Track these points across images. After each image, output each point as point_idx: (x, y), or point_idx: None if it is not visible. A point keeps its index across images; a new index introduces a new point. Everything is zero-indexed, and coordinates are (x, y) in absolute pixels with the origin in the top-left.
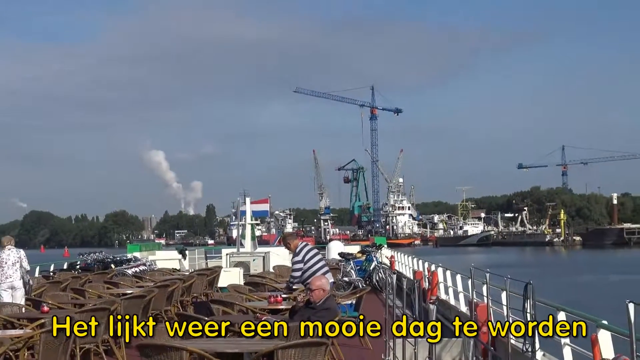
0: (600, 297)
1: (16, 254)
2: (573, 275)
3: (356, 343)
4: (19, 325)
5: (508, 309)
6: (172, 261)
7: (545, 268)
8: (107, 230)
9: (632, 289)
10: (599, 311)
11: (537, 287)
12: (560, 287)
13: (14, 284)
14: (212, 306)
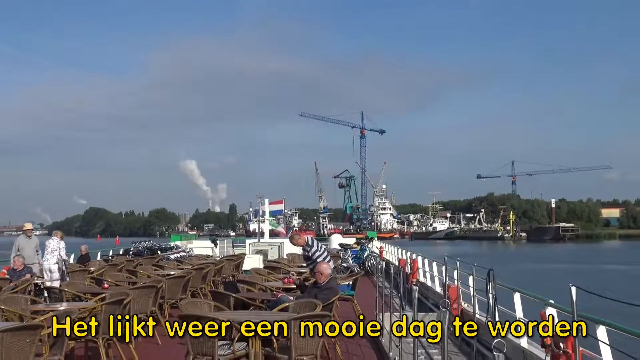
0: (543, 281)
1: (57, 243)
2: (521, 264)
3: (352, 315)
4: (85, 298)
5: (474, 290)
6: (205, 249)
7: (498, 258)
8: (151, 224)
9: (568, 274)
10: (543, 292)
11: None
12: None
13: (50, 268)
14: (238, 285)
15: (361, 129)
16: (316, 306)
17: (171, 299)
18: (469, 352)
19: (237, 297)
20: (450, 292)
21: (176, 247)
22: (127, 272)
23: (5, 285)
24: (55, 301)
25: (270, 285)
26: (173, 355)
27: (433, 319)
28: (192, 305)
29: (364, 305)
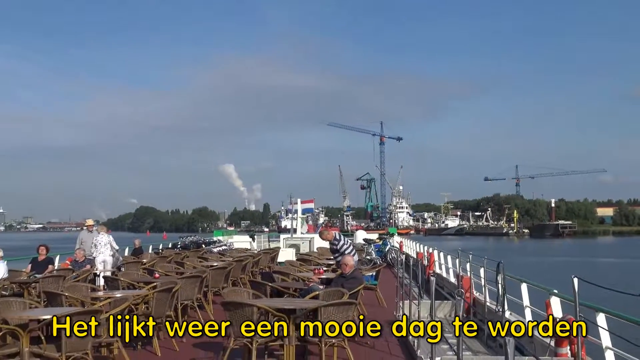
0: (544, 272)
1: (107, 238)
2: (524, 257)
3: (375, 303)
4: (138, 286)
5: (485, 280)
6: (244, 243)
7: (504, 252)
8: (194, 220)
9: (567, 267)
10: (544, 283)
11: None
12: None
13: (105, 259)
14: (274, 275)
15: (381, 137)
16: (343, 294)
17: (214, 287)
18: (480, 335)
19: (273, 286)
20: (463, 282)
21: (218, 241)
22: (176, 264)
23: (69, 275)
24: (112, 289)
25: (302, 276)
26: (216, 338)
27: (448, 306)
28: (233, 293)
29: (386, 294)
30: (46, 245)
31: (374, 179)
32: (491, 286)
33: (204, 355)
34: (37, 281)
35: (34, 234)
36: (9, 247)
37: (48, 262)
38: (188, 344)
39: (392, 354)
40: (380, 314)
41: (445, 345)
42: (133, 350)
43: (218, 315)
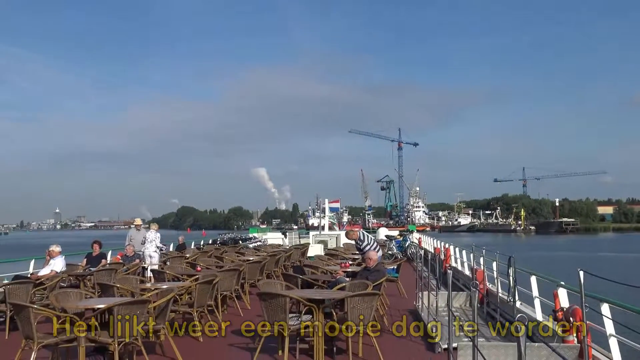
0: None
1: (154, 234)
2: (531, 251)
3: (396, 294)
4: (182, 278)
5: (497, 273)
6: (277, 239)
7: (513, 247)
8: (230, 219)
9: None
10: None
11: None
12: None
13: (150, 254)
14: (304, 268)
15: (398, 142)
16: (367, 286)
17: (251, 279)
18: (493, 324)
19: (304, 278)
20: (477, 275)
21: (254, 237)
22: (215, 258)
23: (120, 268)
24: (158, 281)
25: (330, 269)
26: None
27: (463, 297)
28: (267, 285)
29: (406, 286)
30: (99, 242)
31: (393, 180)
32: (503, 278)
33: (242, 341)
34: (91, 274)
35: (86, 231)
36: (64, 243)
37: (101, 256)
38: (227, 331)
39: (413, 340)
40: (401, 303)
41: (461, 332)
42: (178, 336)
43: (254, 304)
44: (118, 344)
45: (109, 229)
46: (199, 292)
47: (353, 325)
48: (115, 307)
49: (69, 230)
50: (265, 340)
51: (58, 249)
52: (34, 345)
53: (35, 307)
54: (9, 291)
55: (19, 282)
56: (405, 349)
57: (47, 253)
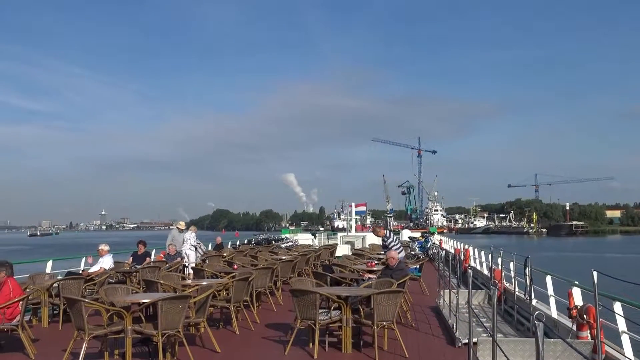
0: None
1: (189, 234)
2: (543, 252)
3: (419, 291)
4: (220, 276)
5: (514, 273)
6: (307, 240)
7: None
8: (261, 221)
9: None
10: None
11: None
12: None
13: (188, 253)
14: (333, 267)
15: (418, 150)
16: (392, 284)
17: (283, 277)
18: (510, 320)
19: (332, 276)
20: (495, 274)
21: (286, 238)
22: (250, 257)
23: (163, 266)
24: (198, 278)
25: (357, 268)
26: (284, 319)
27: (482, 295)
28: (299, 282)
29: (428, 284)
30: (144, 242)
31: (413, 186)
32: (519, 278)
33: (275, 334)
34: (137, 271)
35: (129, 232)
36: (110, 243)
37: (146, 255)
38: (261, 324)
39: (434, 335)
40: (424, 300)
41: (480, 328)
42: (216, 329)
43: (286, 300)
44: (162, 336)
45: (150, 230)
46: (235, 289)
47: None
48: (159, 301)
49: (114, 230)
50: (297, 333)
51: (107, 248)
52: (85, 335)
53: (86, 301)
54: (62, 286)
55: (72, 278)
56: (427, 343)
57: (99, 252)
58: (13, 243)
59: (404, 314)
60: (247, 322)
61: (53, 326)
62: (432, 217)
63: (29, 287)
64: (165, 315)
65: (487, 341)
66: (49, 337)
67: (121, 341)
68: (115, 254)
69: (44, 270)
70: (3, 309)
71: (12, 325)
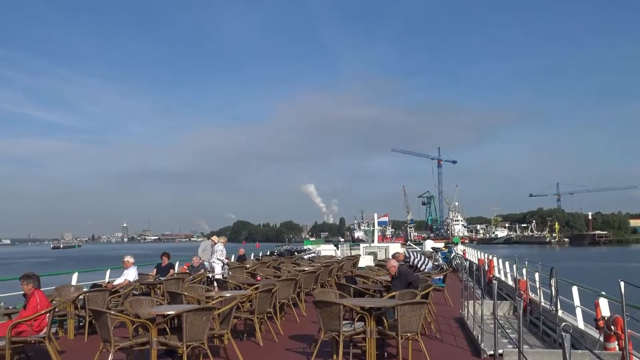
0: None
1: (215, 247)
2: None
3: (443, 302)
4: (243, 287)
5: (539, 283)
6: (329, 251)
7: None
8: (281, 232)
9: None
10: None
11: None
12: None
13: (212, 265)
14: (356, 278)
15: (438, 160)
16: (416, 295)
17: (306, 288)
18: (536, 331)
19: (356, 287)
20: (520, 285)
21: (308, 249)
22: (273, 268)
23: (187, 277)
24: (222, 289)
25: (380, 279)
26: (308, 330)
27: (507, 306)
28: (322, 294)
29: (452, 295)
30: (168, 253)
31: (433, 196)
32: (545, 288)
33: (299, 346)
34: (161, 283)
35: (151, 244)
36: (132, 254)
37: (169, 267)
38: (285, 336)
39: (459, 346)
40: (448, 311)
41: (505, 339)
42: (240, 340)
43: (310, 312)
44: (186, 347)
45: (171, 242)
46: (259, 300)
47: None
48: (183, 313)
49: (135, 242)
50: (321, 345)
51: (132, 260)
52: (110, 347)
53: (111, 312)
54: (88, 298)
55: (97, 290)
56: (452, 354)
57: (124, 263)
58: (36, 255)
59: (427, 325)
60: (271, 333)
61: (79, 338)
62: (453, 228)
63: (56, 299)
64: (189, 327)
65: (513, 352)
66: (75, 348)
67: (146, 353)
68: (139, 265)
69: (69, 283)
70: (30, 321)
71: (40, 337)
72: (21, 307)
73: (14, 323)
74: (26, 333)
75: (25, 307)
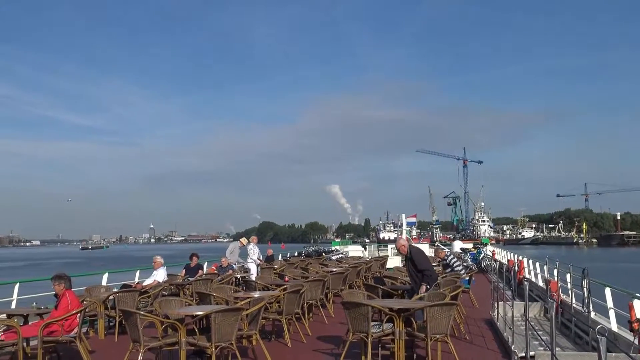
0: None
1: (254, 247)
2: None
3: (469, 304)
4: (271, 288)
5: (571, 284)
6: (357, 251)
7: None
8: (306, 233)
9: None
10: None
11: (578, 269)
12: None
13: (249, 266)
14: (384, 279)
15: (464, 160)
16: (445, 296)
17: (334, 289)
18: (567, 334)
19: (384, 289)
20: (551, 286)
21: (336, 250)
22: (301, 269)
23: (215, 278)
24: (250, 290)
25: (409, 280)
26: (336, 331)
27: (537, 307)
28: (350, 295)
29: (479, 296)
30: (197, 254)
31: (459, 196)
32: (576, 290)
33: (327, 347)
34: (190, 283)
35: (177, 245)
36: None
37: (198, 267)
38: (313, 336)
39: (489, 348)
40: (476, 313)
41: (536, 341)
42: (268, 341)
43: (338, 313)
44: (215, 348)
45: (198, 242)
46: (287, 301)
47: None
48: (212, 314)
49: (162, 243)
50: (349, 346)
51: (161, 260)
52: (140, 347)
53: (141, 313)
54: (118, 298)
55: (127, 291)
56: (482, 356)
57: (154, 264)
58: (66, 256)
59: (456, 326)
60: (299, 334)
61: (109, 338)
62: (479, 228)
63: (86, 299)
64: (218, 327)
65: (546, 355)
66: (105, 348)
67: (175, 353)
68: (169, 267)
69: (99, 283)
70: (62, 321)
71: (70, 337)
72: (52, 307)
73: (45, 323)
74: (57, 333)
75: (57, 307)
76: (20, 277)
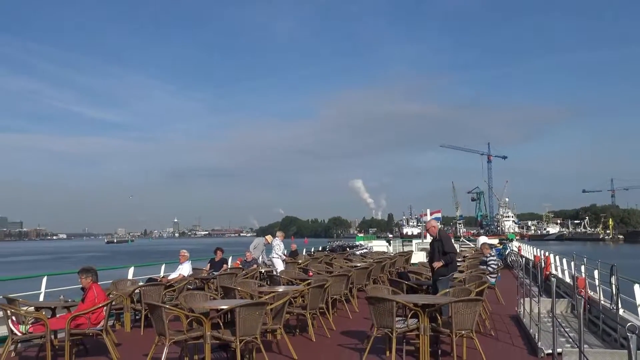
0: None
1: (279, 241)
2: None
3: (494, 300)
4: (295, 283)
5: (599, 281)
6: (381, 247)
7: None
8: (329, 228)
9: None
10: None
11: (606, 266)
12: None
13: (274, 261)
14: (409, 274)
15: (488, 155)
16: (470, 292)
17: (358, 284)
18: (595, 330)
19: (408, 284)
20: (578, 282)
21: (360, 245)
22: (325, 264)
23: (239, 273)
24: (274, 285)
25: None
26: (360, 326)
27: (565, 304)
28: (375, 290)
29: (505, 292)
30: (221, 249)
31: (483, 192)
32: (604, 286)
33: (351, 342)
34: (214, 277)
35: (201, 239)
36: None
37: (223, 262)
38: (337, 331)
39: (515, 345)
40: (501, 309)
41: (563, 338)
42: (292, 336)
43: (362, 308)
44: (240, 342)
45: (221, 237)
46: (311, 296)
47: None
48: (237, 308)
49: (186, 238)
50: (374, 341)
51: (187, 254)
52: (166, 341)
53: (166, 307)
54: (143, 292)
55: (152, 284)
56: (508, 353)
57: (180, 258)
58: (92, 250)
59: (482, 322)
60: (323, 329)
61: (135, 331)
62: (503, 224)
63: (112, 292)
64: (243, 321)
65: (573, 352)
66: (131, 341)
67: (200, 347)
68: (194, 261)
69: (125, 277)
70: (88, 314)
71: (97, 330)
72: (79, 300)
73: (72, 316)
74: (84, 325)
75: (84, 300)
76: (47, 270)
